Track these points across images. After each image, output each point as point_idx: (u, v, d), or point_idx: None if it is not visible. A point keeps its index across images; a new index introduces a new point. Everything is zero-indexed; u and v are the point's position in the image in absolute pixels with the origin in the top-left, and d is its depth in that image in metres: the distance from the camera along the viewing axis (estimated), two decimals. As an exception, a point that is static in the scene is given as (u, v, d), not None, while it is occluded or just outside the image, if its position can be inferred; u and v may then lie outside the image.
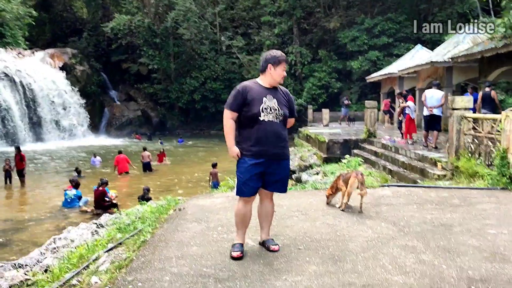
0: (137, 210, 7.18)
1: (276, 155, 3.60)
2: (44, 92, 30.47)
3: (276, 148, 3.58)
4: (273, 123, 3.53)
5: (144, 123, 38.97)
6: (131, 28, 36.83)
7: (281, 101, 3.61)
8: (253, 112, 3.51)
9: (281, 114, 3.57)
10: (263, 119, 3.50)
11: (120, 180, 16.95)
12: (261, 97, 3.54)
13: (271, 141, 3.53)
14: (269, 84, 3.62)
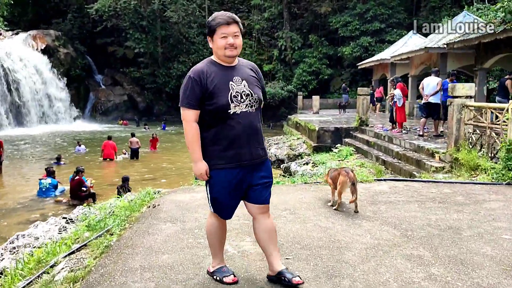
0: (112, 203, 6.59)
1: (257, 157, 2.72)
2: (25, 75, 29.42)
3: (256, 148, 2.70)
4: (248, 115, 2.63)
5: (130, 108, 38.04)
6: (117, 10, 35.61)
7: (251, 81, 2.69)
8: (220, 104, 2.58)
9: (255, 100, 2.67)
10: (234, 111, 2.59)
11: (105, 167, 16.30)
12: (226, 81, 2.62)
13: (249, 139, 2.65)
14: (223, 62, 2.67)
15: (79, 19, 39.20)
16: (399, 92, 11.84)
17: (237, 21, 2.64)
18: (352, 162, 10.47)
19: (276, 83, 33.56)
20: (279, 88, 32.89)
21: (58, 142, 23.07)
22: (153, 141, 20.10)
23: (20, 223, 8.60)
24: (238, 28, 2.62)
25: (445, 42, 15.34)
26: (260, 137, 2.75)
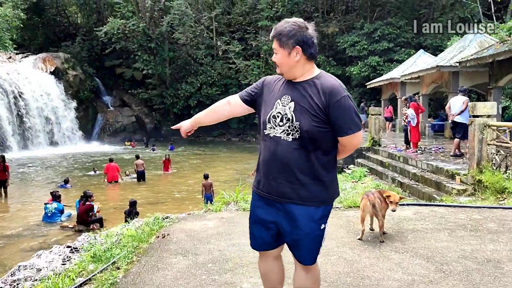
0: (118, 231, 6.28)
1: (281, 195, 2.28)
2: (34, 97, 29.51)
3: (281, 184, 2.27)
4: (280, 142, 2.25)
5: (138, 129, 38.01)
6: (125, 32, 35.93)
7: (303, 105, 2.22)
8: (261, 120, 2.40)
9: (295, 128, 2.21)
10: (268, 132, 2.31)
11: (110, 190, 16.03)
12: (276, 97, 2.34)
13: (273, 171, 2.29)
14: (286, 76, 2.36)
15: (88, 41, 39.59)
16: (412, 111, 11.52)
17: (274, 35, 2.29)
18: (367, 183, 10.10)
19: (284, 103, 33.39)
20: (287, 108, 32.73)
21: (65, 164, 22.88)
22: (166, 162, 19.64)
23: (24, 250, 8.30)
24: (276, 44, 2.29)
25: (457, 61, 15.06)
26: (293, 173, 2.23)
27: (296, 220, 2.25)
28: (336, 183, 2.39)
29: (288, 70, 2.28)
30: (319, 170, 2.24)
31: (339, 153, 2.37)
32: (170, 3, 36.51)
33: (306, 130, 2.19)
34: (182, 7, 35.29)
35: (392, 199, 4.28)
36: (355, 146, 2.33)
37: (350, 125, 2.19)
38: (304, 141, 2.20)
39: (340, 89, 2.21)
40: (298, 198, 2.23)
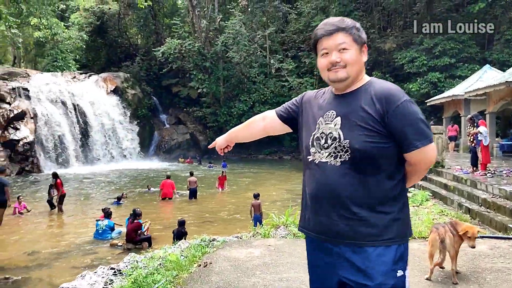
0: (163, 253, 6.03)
1: (336, 235, 1.81)
2: (95, 115, 30.78)
3: (334, 222, 1.81)
4: (327, 169, 1.82)
5: (192, 147, 38.58)
6: (182, 52, 36.94)
7: (354, 119, 1.79)
8: (302, 145, 2.00)
9: (344, 148, 1.78)
10: (312, 159, 1.89)
11: (163, 207, 16.06)
12: (317, 116, 1.93)
13: (321, 204, 1.84)
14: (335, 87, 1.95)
15: (146, 61, 41.05)
16: (485, 129, 10.56)
17: (344, 27, 1.87)
18: (430, 209, 9.28)
19: (338, 121, 32.66)
20: (342, 126, 31.95)
21: (122, 181, 23.41)
22: (222, 179, 19.30)
23: (73, 267, 8.27)
24: (348, 37, 1.86)
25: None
26: (346, 206, 1.77)
27: (360, 267, 1.75)
28: (408, 215, 1.88)
29: (356, 73, 1.89)
30: (381, 199, 1.76)
31: (409, 177, 1.88)
32: (225, 23, 37.17)
33: (358, 148, 1.75)
34: (236, 26, 35.77)
35: (470, 233, 3.65)
36: (428, 164, 1.83)
37: (417, 136, 1.73)
38: (356, 163, 1.76)
39: (399, 92, 1.80)
40: (358, 237, 1.76)
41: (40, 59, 42.63)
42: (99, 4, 39.83)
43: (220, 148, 2.45)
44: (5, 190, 11.81)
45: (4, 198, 11.81)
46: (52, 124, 27.53)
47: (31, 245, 10.08)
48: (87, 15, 39.91)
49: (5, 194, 11.80)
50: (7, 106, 25.57)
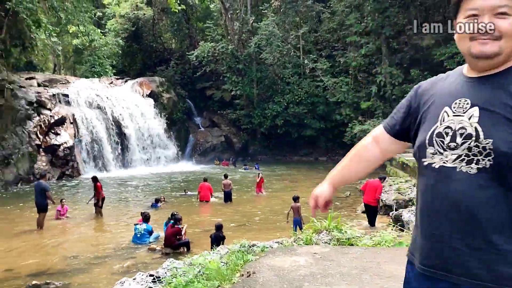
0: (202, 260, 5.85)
1: (460, 272, 1.35)
2: (132, 119, 31.30)
3: (459, 251, 1.35)
4: (451, 176, 1.40)
5: (227, 149, 38.64)
6: (215, 55, 37.09)
7: (499, 112, 1.35)
8: (417, 143, 1.56)
9: (486, 150, 1.34)
10: (430, 162, 1.47)
11: (200, 210, 16.03)
12: (441, 105, 1.50)
13: (442, 227, 1.39)
14: (472, 68, 1.49)
15: (181, 65, 41.50)
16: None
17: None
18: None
19: (376, 121, 31.83)
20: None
21: (159, 183, 23.62)
22: (259, 182, 18.86)
23: (112, 273, 8.25)
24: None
25: None
26: (483, 233, 1.32)
27: None
28: None
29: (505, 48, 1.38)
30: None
31: None
32: (258, 24, 37.06)
33: (506, 152, 1.29)
34: (269, 27, 35.59)
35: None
36: None
37: None
38: (501, 172, 1.30)
39: None
40: (497, 280, 1.30)
41: (79, 66, 43.90)
42: (134, 10, 40.57)
43: (326, 201, 1.80)
44: (46, 195, 12.04)
45: (46, 202, 12.04)
46: (91, 128, 28.16)
47: (72, 249, 10.19)
48: (122, 21, 40.75)
49: (46, 199, 12.03)
50: (48, 112, 26.34)
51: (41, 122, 25.63)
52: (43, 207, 12.10)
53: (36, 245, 10.66)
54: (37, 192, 12.21)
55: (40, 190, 12.12)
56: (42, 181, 12.86)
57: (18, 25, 25.13)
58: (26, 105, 25.48)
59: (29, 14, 22.01)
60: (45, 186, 12.36)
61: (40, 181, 12.78)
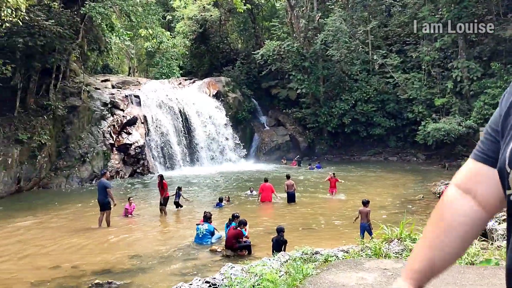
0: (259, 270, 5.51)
1: None
2: (199, 118, 31.89)
3: None
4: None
5: (292, 148, 38.17)
6: (281, 53, 36.78)
7: None
8: (499, 161, 1.08)
9: None
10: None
11: (262, 211, 15.78)
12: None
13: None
14: None
15: (246, 65, 41.69)
16: None
17: None
18: None
19: (452, 118, 29.81)
20: (456, 123, 29.05)
21: (224, 182, 23.74)
22: (332, 181, 17.85)
23: (173, 274, 8.18)
24: None
25: None
26: None
27: None
28: None
29: None
30: None
31: None
32: (324, 21, 36.19)
33: None
34: (336, 23, 34.60)
35: None
36: None
37: None
38: None
39: None
40: None
41: (151, 68, 45.68)
42: (202, 12, 41.35)
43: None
44: (107, 192, 12.31)
45: (107, 200, 12.31)
46: (160, 128, 29.03)
47: (135, 248, 10.33)
48: (190, 23, 41.70)
49: (106, 197, 12.29)
50: (121, 113, 27.50)
51: (115, 122, 26.81)
52: (105, 205, 12.38)
53: (102, 243, 10.97)
54: (100, 190, 12.54)
55: (102, 188, 12.42)
56: (104, 179, 13.19)
57: (94, 30, 26.51)
58: (101, 106, 26.81)
59: (102, 18, 23.02)
60: (107, 183, 12.67)
61: (102, 179, 13.12)
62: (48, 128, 22.05)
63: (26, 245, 10.90)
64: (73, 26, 22.10)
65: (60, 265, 8.94)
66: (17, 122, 20.64)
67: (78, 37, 23.74)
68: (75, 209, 15.96)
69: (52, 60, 21.70)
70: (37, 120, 21.55)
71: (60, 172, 22.39)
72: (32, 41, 19.10)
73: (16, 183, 19.70)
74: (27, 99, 21.83)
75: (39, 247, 10.70)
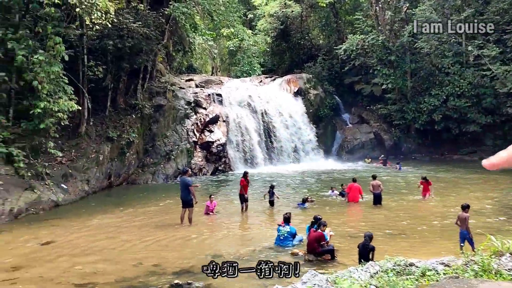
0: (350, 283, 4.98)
1: None
2: (279, 116, 31.66)
3: None
4: None
5: (376, 146, 36.47)
6: (364, 47, 35.33)
7: None
8: None
9: None
10: None
11: (349, 212, 15.05)
12: None
13: None
14: None
15: (328, 61, 40.69)
16: None
17: None
18: None
19: (562, 114, 26.53)
20: None
21: (306, 181, 23.18)
22: (425, 184, 16.42)
23: (252, 277, 7.84)
24: None
25: None
26: None
27: None
28: None
29: None
30: None
31: None
32: (412, 11, 34.08)
33: None
34: (426, 13, 32.39)
35: None
36: None
37: None
38: None
39: None
40: None
41: (233, 67, 46.44)
42: (283, 9, 41.09)
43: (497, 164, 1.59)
44: (190, 189, 12.39)
45: (190, 197, 12.40)
46: (241, 126, 29.23)
47: (215, 247, 10.22)
48: (271, 20, 41.66)
49: (189, 194, 12.37)
50: (204, 111, 28.12)
51: (198, 120, 27.49)
52: (188, 202, 12.50)
53: (184, 240, 11.02)
54: (182, 188, 12.68)
55: (184, 186, 12.55)
56: (185, 176, 13.33)
57: (178, 31, 27.35)
58: (185, 104, 27.64)
59: (185, 18, 23.62)
60: (188, 181, 12.77)
61: (184, 177, 13.28)
62: (136, 126, 23.14)
63: (112, 240, 11.30)
64: (159, 28, 22.95)
65: (142, 262, 9.07)
66: (108, 121, 21.92)
67: (164, 38, 24.61)
68: (160, 206, 16.44)
69: (140, 61, 22.69)
70: (126, 119, 22.71)
71: (147, 168, 23.39)
72: (121, 43, 20.12)
73: (107, 179, 20.86)
74: (117, 99, 23.09)
75: (124, 242, 11.02)
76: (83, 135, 20.34)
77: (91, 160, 19.94)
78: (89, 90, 20.64)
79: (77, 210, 16.02)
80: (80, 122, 20.39)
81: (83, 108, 19.85)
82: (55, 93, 16.28)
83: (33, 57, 15.26)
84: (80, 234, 12.13)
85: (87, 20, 16.09)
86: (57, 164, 18.22)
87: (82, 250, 10.35)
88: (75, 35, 18.70)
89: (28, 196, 15.38)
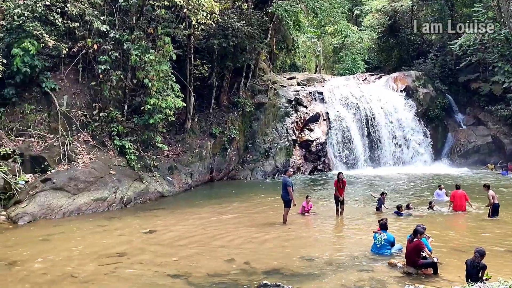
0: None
1: None
2: (384, 116, 30.15)
3: None
4: None
5: (494, 151, 32.86)
6: (483, 42, 32.05)
7: None
8: None
9: None
10: None
11: (453, 223, 13.71)
12: None
13: None
14: None
15: (440, 57, 37.76)
16: None
17: None
18: None
19: None
20: None
21: (409, 186, 21.68)
22: None
23: (344, 285, 7.44)
24: None
25: None
26: None
27: None
28: None
29: None
30: None
31: None
32: (544, 0, 30.09)
33: None
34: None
35: None
36: None
37: None
38: None
39: None
40: None
41: (337, 65, 45.45)
42: (391, 3, 39.07)
43: None
44: (288, 190, 12.24)
45: (288, 197, 12.26)
46: (342, 125, 28.38)
47: (308, 249, 9.94)
48: (379, 15, 39.86)
49: (288, 194, 12.24)
50: (304, 110, 27.85)
51: (298, 118, 27.30)
52: (286, 202, 12.40)
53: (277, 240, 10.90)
54: (282, 187, 12.58)
55: (283, 186, 12.47)
56: (286, 176, 13.20)
57: (282, 29, 27.42)
58: (285, 103, 27.64)
59: (288, 16, 23.55)
60: (288, 182, 12.61)
61: (284, 177, 13.16)
62: (238, 123, 23.79)
63: (209, 233, 11.60)
64: (262, 26, 23.22)
65: (235, 258, 9.13)
66: (211, 118, 22.84)
67: (267, 37, 24.83)
68: (257, 203, 16.58)
69: (243, 59, 23.20)
70: (228, 116, 23.45)
71: (246, 165, 23.89)
72: (225, 42, 20.76)
73: (209, 173, 21.74)
74: (220, 96, 23.92)
75: (220, 236, 11.25)
76: (188, 131, 21.41)
77: (195, 155, 20.93)
78: (195, 88, 21.63)
79: (180, 202, 16.85)
80: (186, 119, 21.48)
81: (189, 105, 20.87)
82: (164, 91, 17.29)
83: (145, 57, 16.35)
84: (179, 226, 12.68)
85: (194, 20, 16.81)
86: (164, 158, 19.41)
87: (180, 242, 10.77)
88: (183, 35, 19.72)
89: (137, 187, 16.57)
